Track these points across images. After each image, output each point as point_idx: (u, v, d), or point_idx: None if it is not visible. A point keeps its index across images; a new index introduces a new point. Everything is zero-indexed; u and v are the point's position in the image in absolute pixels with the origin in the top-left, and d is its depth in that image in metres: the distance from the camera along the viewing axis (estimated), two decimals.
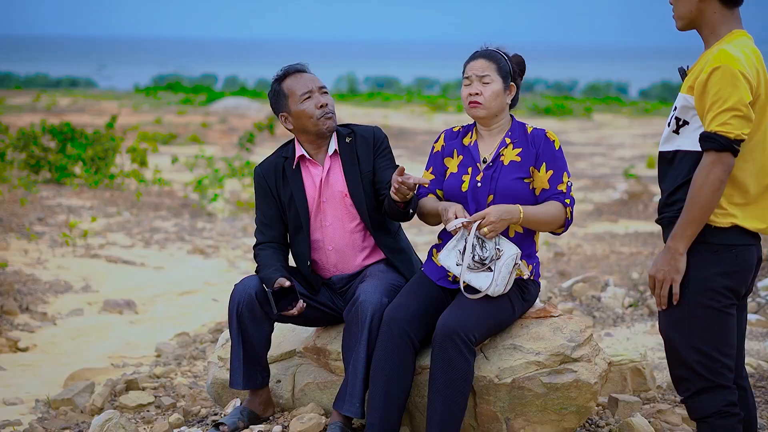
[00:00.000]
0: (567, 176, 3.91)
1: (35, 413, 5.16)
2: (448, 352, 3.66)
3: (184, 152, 18.15)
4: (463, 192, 3.90)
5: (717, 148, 3.10)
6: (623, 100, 41.36)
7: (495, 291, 3.74)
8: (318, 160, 4.19)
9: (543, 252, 9.99)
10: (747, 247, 3.22)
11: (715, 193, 3.13)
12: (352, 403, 3.86)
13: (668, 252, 3.21)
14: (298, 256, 4.22)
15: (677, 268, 3.20)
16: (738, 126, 3.10)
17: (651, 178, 15.95)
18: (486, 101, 3.88)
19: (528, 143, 3.90)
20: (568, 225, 3.91)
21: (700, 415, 3.30)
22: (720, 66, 3.11)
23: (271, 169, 4.20)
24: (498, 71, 3.90)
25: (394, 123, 25.66)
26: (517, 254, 3.75)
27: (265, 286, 3.98)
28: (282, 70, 4.21)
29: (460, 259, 3.78)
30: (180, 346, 6.39)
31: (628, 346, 5.77)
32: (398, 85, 52.22)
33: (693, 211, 3.15)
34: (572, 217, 3.91)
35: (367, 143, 4.17)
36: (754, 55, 3.20)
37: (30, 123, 14.51)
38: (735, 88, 3.09)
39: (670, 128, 3.28)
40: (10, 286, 7.36)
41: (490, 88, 3.88)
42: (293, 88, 4.14)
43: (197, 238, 10.56)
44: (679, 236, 3.18)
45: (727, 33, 3.25)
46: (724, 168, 3.12)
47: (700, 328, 3.22)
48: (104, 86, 47.64)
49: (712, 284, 3.20)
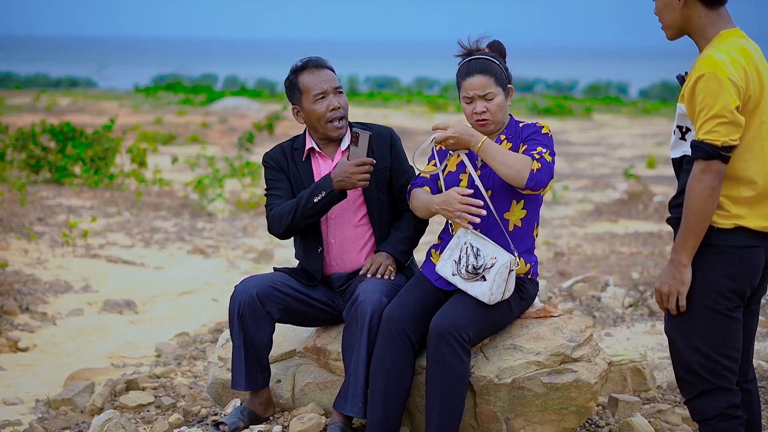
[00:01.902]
0: (543, 148, 3.77)
1: (35, 413, 5.16)
2: (441, 351, 3.66)
3: (184, 152, 18.15)
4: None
5: (704, 156, 3.11)
6: (623, 100, 41.36)
7: (492, 299, 3.74)
8: (328, 152, 4.21)
9: (543, 252, 9.99)
10: (752, 248, 3.21)
11: (708, 201, 3.13)
12: (354, 403, 3.86)
13: (672, 264, 3.21)
14: (308, 246, 4.19)
15: (682, 280, 3.20)
16: (725, 133, 3.10)
17: (651, 178, 15.95)
18: (493, 116, 3.89)
19: (517, 137, 3.91)
20: (532, 181, 3.68)
21: (702, 417, 3.30)
22: (705, 73, 3.11)
23: (281, 153, 4.21)
24: (496, 82, 3.88)
25: (394, 123, 25.65)
26: (511, 261, 3.74)
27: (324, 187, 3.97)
28: (301, 62, 4.19)
29: (455, 269, 3.79)
30: (180, 346, 6.39)
31: (628, 346, 5.77)
32: (398, 85, 52.21)
33: (690, 220, 3.16)
34: (542, 177, 3.68)
35: (384, 140, 4.19)
36: (742, 54, 3.18)
37: (30, 123, 14.50)
38: (720, 94, 3.09)
39: (676, 135, 3.28)
40: (10, 286, 7.35)
41: (494, 102, 3.88)
42: (309, 85, 4.13)
43: (197, 238, 10.56)
44: (680, 247, 3.19)
45: (715, 35, 3.24)
46: (714, 175, 3.12)
47: (701, 329, 3.22)
48: (104, 86, 47.64)
49: (715, 286, 3.20)
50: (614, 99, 41.11)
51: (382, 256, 4.10)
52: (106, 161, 13.44)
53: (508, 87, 3.93)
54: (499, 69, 3.90)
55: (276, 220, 4.09)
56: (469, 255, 3.76)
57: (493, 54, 3.96)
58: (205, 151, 16.02)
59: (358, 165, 3.94)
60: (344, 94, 4.18)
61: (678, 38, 3.36)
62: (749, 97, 3.17)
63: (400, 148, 4.24)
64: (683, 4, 3.25)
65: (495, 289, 3.72)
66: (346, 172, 3.95)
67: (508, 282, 3.75)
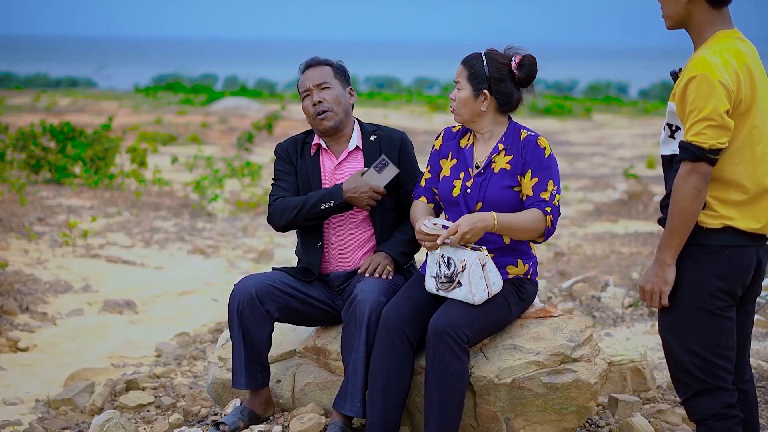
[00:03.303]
0: (553, 184, 3.82)
1: (35, 413, 5.16)
2: (440, 351, 3.66)
3: (184, 152, 18.15)
4: (455, 197, 3.90)
5: (691, 158, 3.11)
6: (623, 100, 41.38)
7: (477, 299, 3.72)
8: (334, 151, 4.25)
9: (543, 252, 10.00)
10: (742, 248, 3.21)
11: (693, 202, 3.14)
12: (353, 403, 3.87)
13: (656, 263, 3.23)
14: (307, 240, 4.22)
15: (665, 279, 3.22)
16: (712, 136, 3.10)
17: (651, 178, 15.95)
18: (456, 107, 3.90)
19: (519, 150, 3.86)
20: (548, 234, 3.81)
21: (699, 417, 3.30)
22: (696, 75, 3.11)
23: (293, 145, 4.29)
24: (469, 78, 3.85)
25: (394, 123, 25.65)
26: (479, 256, 3.70)
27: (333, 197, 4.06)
28: (302, 63, 4.32)
29: (436, 284, 3.81)
30: (180, 346, 6.39)
31: (628, 346, 5.77)
32: (398, 85, 52.23)
33: (675, 220, 3.17)
34: (554, 226, 3.81)
35: (394, 144, 4.22)
36: (735, 57, 3.17)
37: (30, 123, 14.50)
38: (710, 97, 3.09)
39: (666, 133, 3.28)
40: (10, 286, 7.35)
41: (459, 95, 3.88)
42: (299, 85, 4.29)
43: (197, 238, 10.56)
44: (665, 247, 3.20)
45: (711, 35, 3.23)
46: (700, 177, 3.12)
47: (693, 330, 3.23)
48: (104, 86, 47.66)
49: (705, 286, 3.20)
50: (614, 99, 41.13)
51: (380, 255, 4.11)
52: (106, 161, 13.44)
53: (481, 90, 3.85)
54: (480, 67, 3.84)
55: (278, 214, 4.16)
56: (441, 266, 3.78)
57: (495, 60, 3.86)
58: (203, 152, 16.01)
59: (373, 189, 4.04)
60: (332, 89, 4.21)
61: (676, 29, 3.34)
62: (740, 101, 3.16)
63: (409, 154, 4.24)
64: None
65: (474, 289, 3.70)
66: (358, 191, 4.05)
67: (488, 277, 3.72)
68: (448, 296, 3.78)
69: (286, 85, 48.86)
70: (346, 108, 4.23)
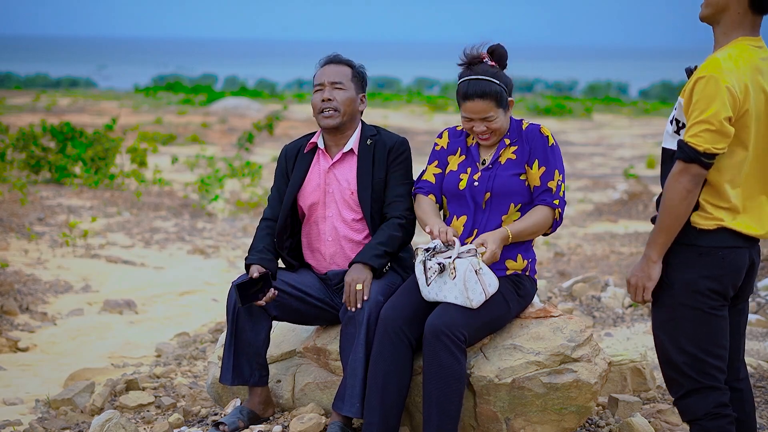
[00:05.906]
0: (559, 173, 3.93)
1: (35, 413, 5.15)
2: (437, 351, 3.66)
3: (184, 152, 18.16)
4: (461, 190, 3.93)
5: (685, 158, 3.12)
6: (623, 100, 41.41)
7: (476, 303, 3.71)
8: (330, 152, 4.25)
9: (543, 252, 10.00)
10: (735, 249, 3.20)
11: (683, 202, 3.14)
12: (352, 403, 3.86)
13: (643, 259, 3.25)
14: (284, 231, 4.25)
15: (650, 275, 3.23)
16: (708, 140, 3.09)
17: (651, 178, 15.95)
18: (494, 134, 3.93)
19: (522, 140, 3.93)
20: (556, 226, 3.98)
21: (691, 416, 3.30)
22: (705, 76, 3.10)
23: (295, 147, 4.32)
24: (497, 104, 3.87)
25: (394, 123, 25.66)
26: (472, 261, 3.69)
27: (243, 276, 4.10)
28: (323, 57, 4.34)
29: (427, 291, 3.79)
30: (180, 346, 6.39)
31: (628, 346, 5.77)
32: (398, 85, 52.26)
33: (663, 218, 3.18)
34: (561, 218, 3.96)
35: (385, 150, 4.19)
36: (749, 66, 3.15)
37: (30, 123, 14.50)
38: (714, 101, 3.07)
39: (672, 127, 3.27)
40: (10, 286, 7.35)
41: (494, 124, 3.89)
42: (316, 77, 4.27)
43: (197, 238, 10.56)
44: (652, 243, 3.22)
45: (734, 39, 3.20)
46: (690, 178, 3.12)
47: (685, 329, 3.23)
48: (104, 86, 47.69)
49: (696, 286, 3.20)
50: (614, 99, 41.16)
51: (354, 273, 3.99)
52: (106, 161, 13.44)
53: (508, 101, 3.92)
54: (498, 89, 3.86)
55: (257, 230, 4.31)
56: (432, 270, 3.76)
57: (494, 68, 3.90)
58: (205, 152, 16.01)
59: (269, 295, 4.00)
60: (345, 90, 4.18)
61: (707, 21, 3.27)
62: (745, 111, 3.14)
63: (401, 159, 4.19)
64: None
65: (471, 294, 3.68)
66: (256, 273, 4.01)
67: (483, 280, 3.70)
68: (443, 300, 3.77)
69: (287, 85, 48.91)
70: (353, 113, 4.21)
